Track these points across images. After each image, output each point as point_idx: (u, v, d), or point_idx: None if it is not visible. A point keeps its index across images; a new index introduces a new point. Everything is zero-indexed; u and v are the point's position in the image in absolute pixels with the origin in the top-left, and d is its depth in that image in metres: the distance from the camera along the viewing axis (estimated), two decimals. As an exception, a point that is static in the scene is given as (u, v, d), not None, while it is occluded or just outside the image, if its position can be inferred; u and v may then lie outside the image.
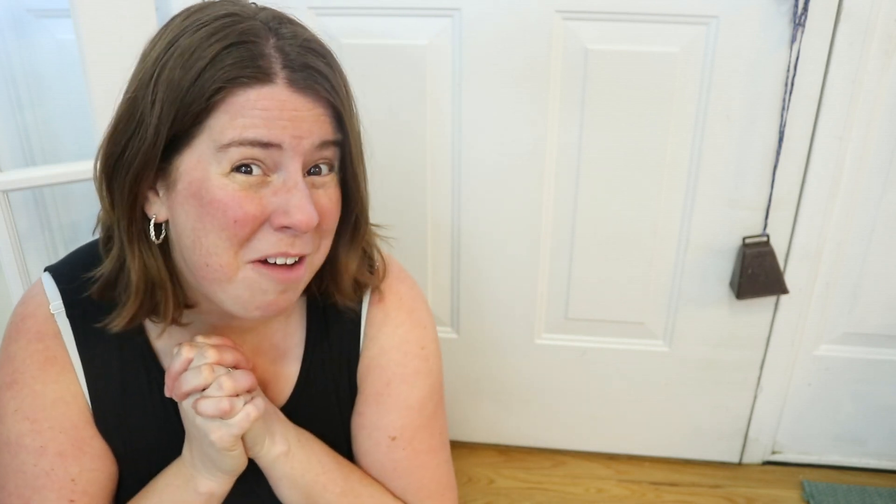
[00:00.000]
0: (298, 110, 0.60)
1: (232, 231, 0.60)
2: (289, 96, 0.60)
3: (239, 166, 0.60)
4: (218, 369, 0.66)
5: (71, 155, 1.42)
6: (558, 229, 1.33)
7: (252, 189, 0.60)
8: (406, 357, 0.77)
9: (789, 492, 1.43)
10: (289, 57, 0.60)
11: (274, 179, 0.61)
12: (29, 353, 0.70)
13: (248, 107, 0.59)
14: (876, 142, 1.20)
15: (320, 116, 0.62)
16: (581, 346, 1.43)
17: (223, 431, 0.65)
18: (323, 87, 0.61)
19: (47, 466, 0.69)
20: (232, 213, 0.60)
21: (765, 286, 1.27)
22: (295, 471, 0.73)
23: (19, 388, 0.69)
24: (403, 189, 1.32)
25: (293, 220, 0.60)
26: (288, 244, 0.62)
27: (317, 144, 0.61)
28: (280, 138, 0.59)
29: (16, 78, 1.38)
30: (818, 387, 1.42)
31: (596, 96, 1.21)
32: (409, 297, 0.80)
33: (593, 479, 1.48)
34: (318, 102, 0.61)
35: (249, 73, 0.59)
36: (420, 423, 0.78)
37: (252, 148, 0.59)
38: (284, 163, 0.60)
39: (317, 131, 0.61)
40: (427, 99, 1.24)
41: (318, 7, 1.19)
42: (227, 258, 0.61)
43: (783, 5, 1.11)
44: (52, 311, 0.70)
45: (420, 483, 0.79)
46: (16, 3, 1.33)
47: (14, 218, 1.17)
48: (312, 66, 0.61)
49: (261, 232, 0.61)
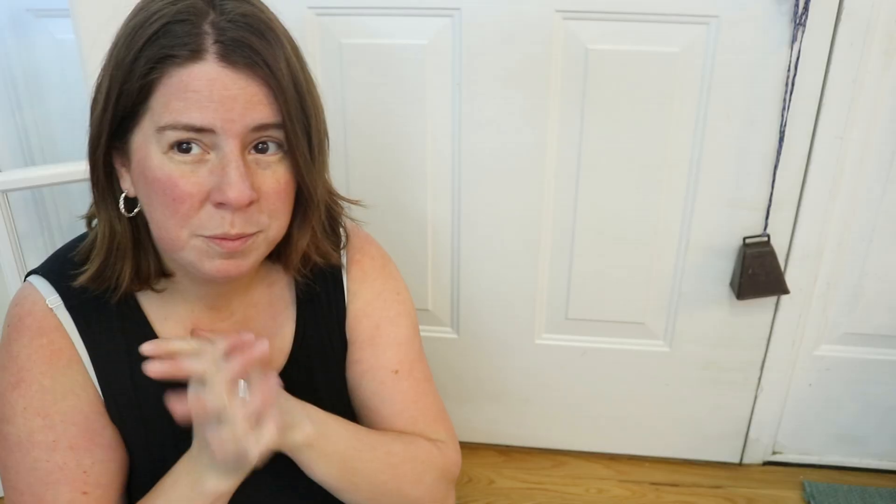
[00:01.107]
0: (229, 89, 0.60)
1: (173, 208, 0.62)
2: (219, 73, 0.60)
3: (176, 145, 0.61)
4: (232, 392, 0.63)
5: (70, 155, 1.41)
6: (558, 229, 1.32)
7: (189, 167, 0.62)
8: (387, 303, 0.84)
9: (790, 492, 1.43)
10: (223, 32, 0.60)
11: (212, 158, 0.62)
12: (33, 350, 0.69)
13: (181, 88, 0.60)
14: (876, 142, 1.20)
15: (255, 96, 0.61)
16: (581, 346, 1.43)
17: (240, 454, 0.63)
18: (257, 63, 0.61)
19: (60, 461, 0.69)
20: (170, 192, 0.62)
21: (765, 286, 1.26)
22: (327, 447, 0.72)
23: (27, 386, 0.69)
24: (403, 189, 1.32)
25: (227, 197, 0.61)
26: (229, 224, 0.63)
27: (251, 127, 0.61)
28: (211, 122, 0.60)
29: (15, 78, 1.38)
30: (819, 387, 1.42)
31: (596, 96, 1.21)
32: (380, 255, 0.87)
33: (594, 479, 1.48)
34: (253, 81, 0.61)
35: (181, 51, 0.60)
36: (413, 356, 0.85)
37: (186, 131, 0.60)
38: (220, 143, 0.61)
39: (250, 113, 0.61)
40: (427, 99, 1.24)
41: (318, 7, 1.19)
42: (174, 232, 0.64)
43: (783, 5, 1.11)
44: (49, 305, 0.70)
45: (427, 408, 0.85)
46: (15, 3, 1.33)
47: (13, 218, 1.17)
48: (246, 42, 0.60)
49: (204, 209, 0.63)
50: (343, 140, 1.29)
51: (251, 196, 0.61)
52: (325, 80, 1.24)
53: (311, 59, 1.21)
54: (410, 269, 0.91)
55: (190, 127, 0.60)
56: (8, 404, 0.69)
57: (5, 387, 0.70)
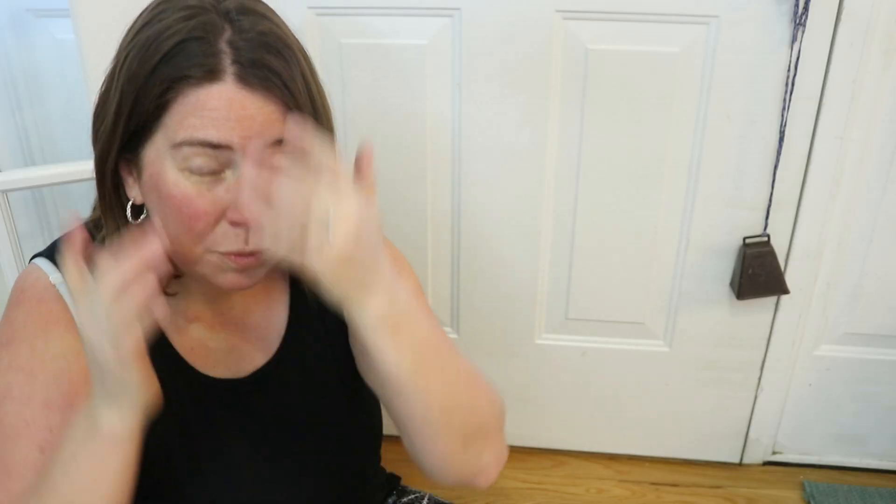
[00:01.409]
0: (247, 109, 0.60)
1: (188, 225, 0.62)
2: (236, 94, 0.59)
3: (196, 165, 0.61)
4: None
5: (70, 155, 1.42)
6: (558, 229, 1.32)
7: (205, 186, 0.61)
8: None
9: (790, 492, 1.43)
10: (240, 52, 0.60)
11: (228, 176, 0.61)
12: (31, 315, 0.70)
13: (198, 106, 0.59)
14: (876, 142, 1.20)
15: (272, 114, 0.61)
16: (581, 346, 1.43)
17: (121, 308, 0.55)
18: (275, 84, 0.60)
19: (28, 415, 0.66)
20: (186, 210, 0.61)
21: (765, 286, 1.26)
22: (405, 328, 0.60)
23: (17, 345, 0.68)
24: (404, 189, 1.32)
25: (243, 217, 0.61)
26: (244, 241, 0.63)
27: (269, 144, 0.61)
28: (229, 139, 0.60)
29: (15, 78, 1.38)
30: (819, 387, 1.42)
31: (596, 96, 1.21)
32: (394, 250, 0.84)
33: (593, 479, 1.48)
34: (270, 100, 0.61)
35: (197, 71, 0.59)
36: (425, 305, 0.75)
37: (202, 148, 0.60)
38: (237, 161, 0.61)
39: (268, 131, 0.61)
40: (427, 99, 1.24)
41: (318, 7, 1.19)
42: (188, 248, 0.64)
43: (784, 5, 1.11)
44: (52, 282, 0.71)
45: None
46: (15, 3, 1.33)
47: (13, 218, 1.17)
48: (264, 63, 0.60)
49: (219, 226, 0.63)
50: (343, 140, 1.29)
51: None
52: (326, 80, 1.24)
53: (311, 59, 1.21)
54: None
55: (207, 143, 0.60)
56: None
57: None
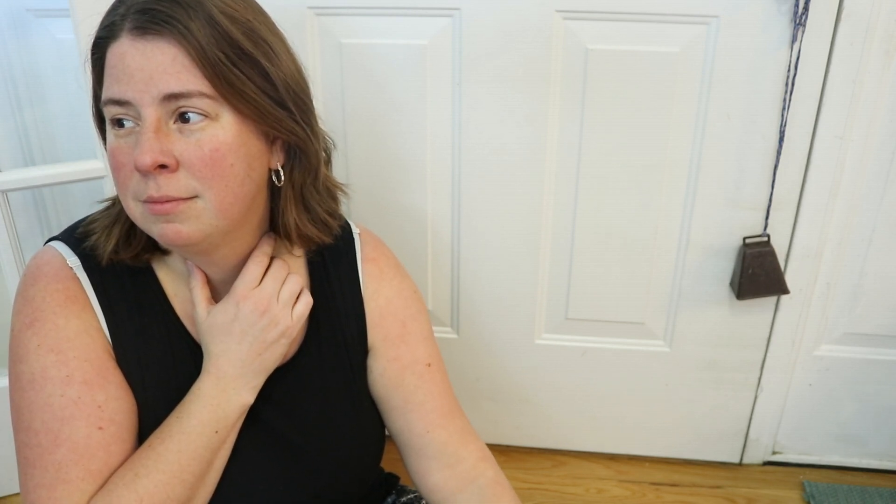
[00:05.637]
0: (136, 60, 0.62)
1: (116, 178, 0.66)
2: (129, 47, 0.62)
3: (116, 120, 0.64)
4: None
5: (70, 155, 1.42)
6: (558, 229, 1.32)
7: (124, 139, 0.65)
8: (408, 301, 0.88)
9: (790, 492, 1.43)
10: (133, 6, 0.62)
11: (138, 129, 0.64)
12: (49, 293, 0.71)
13: (109, 66, 0.64)
14: (877, 141, 1.20)
15: (170, 65, 0.62)
16: (581, 346, 1.43)
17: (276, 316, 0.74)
18: (166, 29, 0.61)
19: (74, 395, 0.69)
20: (112, 163, 0.66)
21: (765, 286, 1.26)
22: None
23: (41, 325, 0.70)
24: (403, 189, 1.32)
25: (136, 162, 0.63)
26: (153, 187, 0.64)
27: (162, 96, 0.62)
28: (126, 94, 0.62)
29: (15, 78, 1.38)
30: (819, 387, 1.42)
31: (596, 96, 1.21)
32: (392, 255, 0.91)
33: (593, 479, 1.48)
34: (167, 49, 0.61)
35: (104, 31, 0.64)
36: (437, 349, 0.90)
37: (116, 105, 0.63)
38: (141, 114, 0.63)
39: (163, 82, 0.62)
40: (427, 99, 1.24)
41: (318, 7, 1.19)
42: (124, 201, 0.67)
43: (784, 5, 1.11)
44: (69, 264, 0.73)
45: (453, 398, 0.90)
46: (15, 3, 1.33)
47: (13, 218, 1.17)
48: (155, 9, 0.61)
49: (134, 175, 0.65)
50: (343, 140, 1.29)
51: (154, 160, 0.62)
52: (325, 80, 1.24)
53: (311, 59, 1.21)
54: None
55: (114, 101, 0.63)
56: (22, 344, 0.70)
57: (20, 328, 0.71)
